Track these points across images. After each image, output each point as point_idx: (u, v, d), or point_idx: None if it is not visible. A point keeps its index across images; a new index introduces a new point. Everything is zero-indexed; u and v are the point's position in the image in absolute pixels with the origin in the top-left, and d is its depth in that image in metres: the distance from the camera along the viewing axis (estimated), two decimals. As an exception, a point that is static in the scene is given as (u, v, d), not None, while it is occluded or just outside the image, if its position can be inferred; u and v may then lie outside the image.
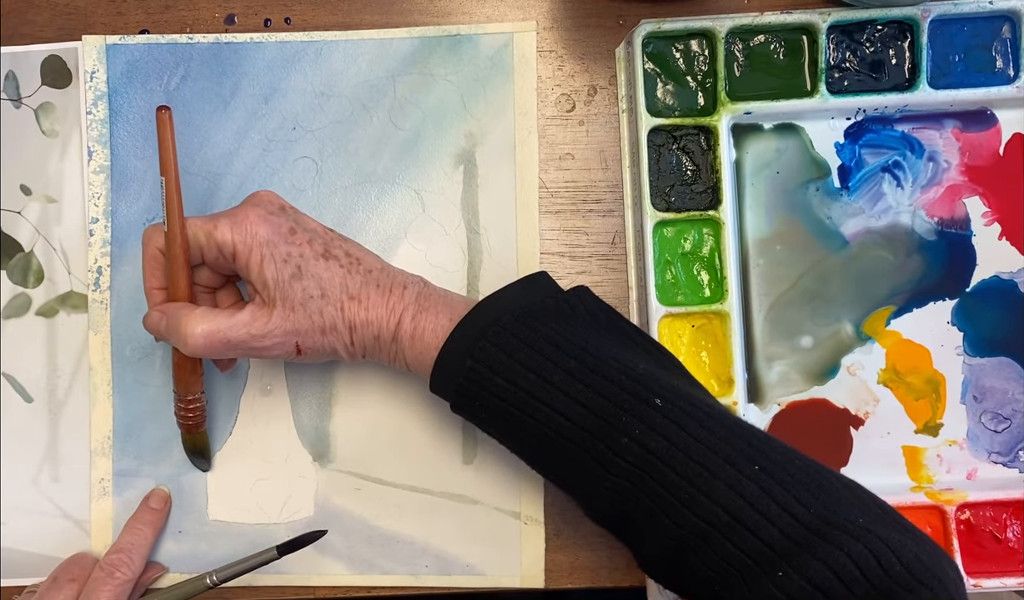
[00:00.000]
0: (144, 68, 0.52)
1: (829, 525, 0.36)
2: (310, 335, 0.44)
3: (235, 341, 0.43)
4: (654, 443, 0.38)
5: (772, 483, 0.37)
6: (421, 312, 0.44)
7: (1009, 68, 0.50)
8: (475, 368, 0.41)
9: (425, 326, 0.43)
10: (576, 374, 0.40)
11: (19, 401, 0.52)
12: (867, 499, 0.38)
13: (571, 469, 0.41)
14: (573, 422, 0.40)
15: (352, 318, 0.44)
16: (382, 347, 0.45)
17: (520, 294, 0.44)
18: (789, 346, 0.51)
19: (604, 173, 0.52)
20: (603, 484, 0.39)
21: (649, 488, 0.38)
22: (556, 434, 0.40)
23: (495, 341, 0.41)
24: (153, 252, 0.45)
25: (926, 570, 0.35)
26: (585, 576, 0.50)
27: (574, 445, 0.40)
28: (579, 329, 0.42)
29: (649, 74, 0.51)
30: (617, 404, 0.39)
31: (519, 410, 0.41)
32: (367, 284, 0.44)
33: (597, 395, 0.39)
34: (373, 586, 0.50)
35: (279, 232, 0.44)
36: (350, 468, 0.51)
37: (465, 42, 0.52)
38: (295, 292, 0.43)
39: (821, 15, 0.49)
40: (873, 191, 0.51)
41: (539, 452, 0.42)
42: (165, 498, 0.51)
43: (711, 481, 0.37)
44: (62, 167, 0.52)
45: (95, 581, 0.47)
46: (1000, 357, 0.51)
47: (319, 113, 0.52)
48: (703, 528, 0.37)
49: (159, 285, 0.46)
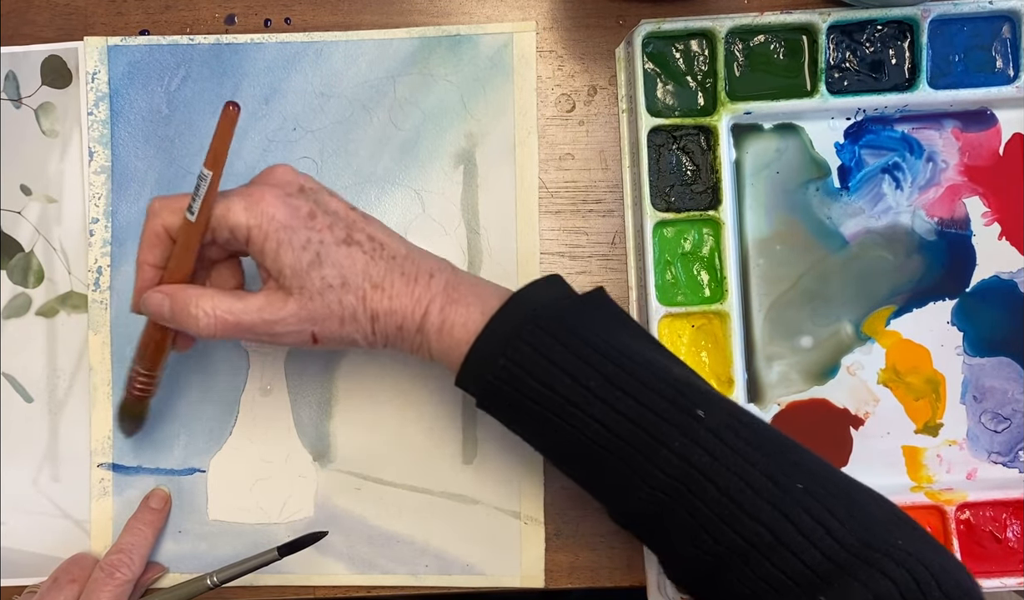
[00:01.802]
0: (145, 69, 0.52)
1: (870, 548, 0.35)
2: (328, 324, 0.41)
3: (247, 324, 0.41)
4: (696, 457, 0.37)
5: (813, 503, 0.36)
6: (450, 303, 0.41)
7: (1009, 68, 0.50)
8: (508, 367, 0.39)
9: (455, 320, 0.41)
10: (615, 380, 0.38)
11: (19, 401, 0.52)
12: (899, 516, 0.38)
13: (603, 476, 0.40)
14: (610, 430, 0.38)
15: (374, 307, 0.41)
16: (405, 337, 0.42)
17: (550, 291, 0.42)
18: (789, 346, 0.51)
19: (604, 173, 0.52)
20: (637, 494, 0.38)
21: (687, 502, 0.37)
22: (590, 441, 0.39)
23: (530, 340, 0.39)
24: (157, 228, 0.42)
25: (965, 595, 0.34)
26: (585, 576, 0.50)
27: (609, 453, 0.38)
28: (613, 329, 0.41)
29: (649, 74, 0.51)
30: (657, 413, 0.38)
31: (553, 414, 0.39)
32: (391, 271, 0.42)
33: (636, 403, 0.38)
34: (373, 586, 0.51)
35: (298, 215, 0.41)
36: (350, 468, 0.51)
37: (465, 42, 0.52)
38: (313, 280, 0.41)
39: (821, 15, 0.49)
40: (873, 191, 0.51)
41: (568, 456, 0.41)
42: (165, 498, 0.51)
43: (754, 499, 0.36)
44: (62, 167, 0.52)
45: (95, 582, 0.47)
46: (1000, 357, 0.51)
47: (319, 113, 0.52)
48: (743, 546, 0.36)
49: (154, 262, 0.43)
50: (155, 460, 0.51)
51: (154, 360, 0.46)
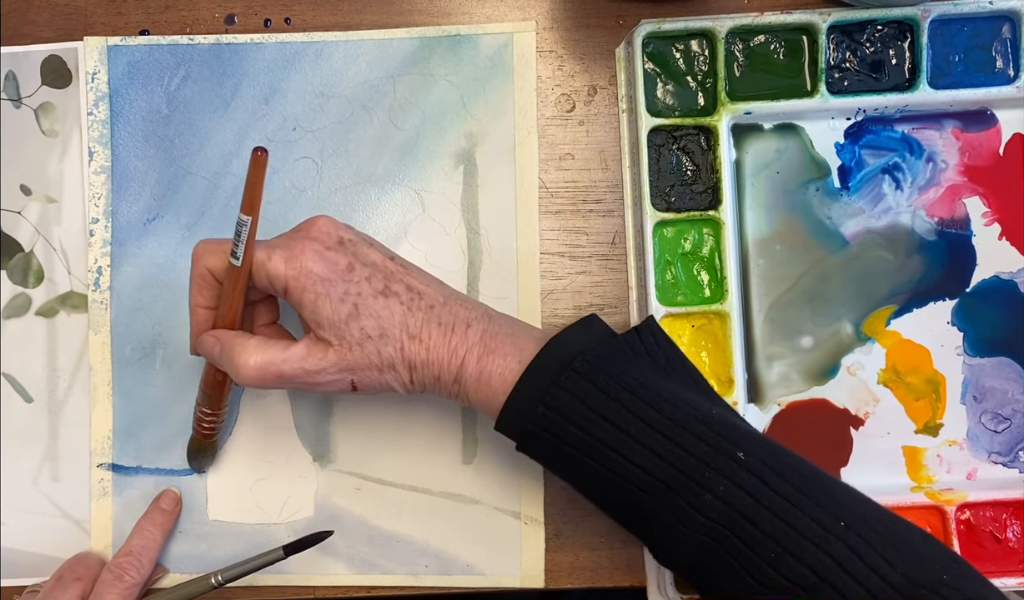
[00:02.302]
0: (145, 69, 0.52)
1: (917, 584, 0.35)
2: (367, 373, 0.42)
3: (288, 375, 0.42)
4: (738, 501, 0.37)
5: (858, 540, 0.36)
6: (487, 354, 0.42)
7: (1009, 68, 0.50)
8: (546, 415, 0.40)
9: (492, 370, 0.42)
10: (655, 424, 0.39)
11: (19, 401, 0.52)
12: (942, 550, 0.38)
13: (646, 520, 0.40)
14: (651, 475, 0.38)
15: (412, 358, 0.42)
16: (443, 386, 0.43)
17: (586, 335, 0.42)
18: (789, 346, 0.51)
19: (604, 173, 0.52)
20: (680, 537, 0.38)
21: (731, 545, 0.37)
22: (632, 486, 0.39)
23: (568, 387, 0.40)
24: (203, 271, 0.43)
25: None
26: (585, 576, 0.50)
27: (651, 498, 0.39)
28: (649, 371, 0.41)
29: (649, 74, 0.51)
30: (698, 457, 0.38)
31: (592, 459, 0.39)
32: (428, 322, 0.42)
33: (677, 447, 0.38)
34: (373, 586, 0.50)
35: (336, 269, 0.41)
36: (350, 468, 0.51)
37: (465, 42, 0.52)
38: (352, 331, 0.41)
39: (821, 15, 0.49)
40: (873, 191, 0.51)
41: (610, 499, 0.41)
42: (176, 499, 0.51)
43: (798, 540, 0.36)
44: (62, 167, 0.52)
45: (103, 583, 0.46)
46: (1000, 357, 0.51)
47: (319, 113, 0.52)
48: (788, 587, 0.36)
49: (205, 304, 0.44)
50: (155, 460, 0.51)
51: (217, 399, 0.47)
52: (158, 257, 0.52)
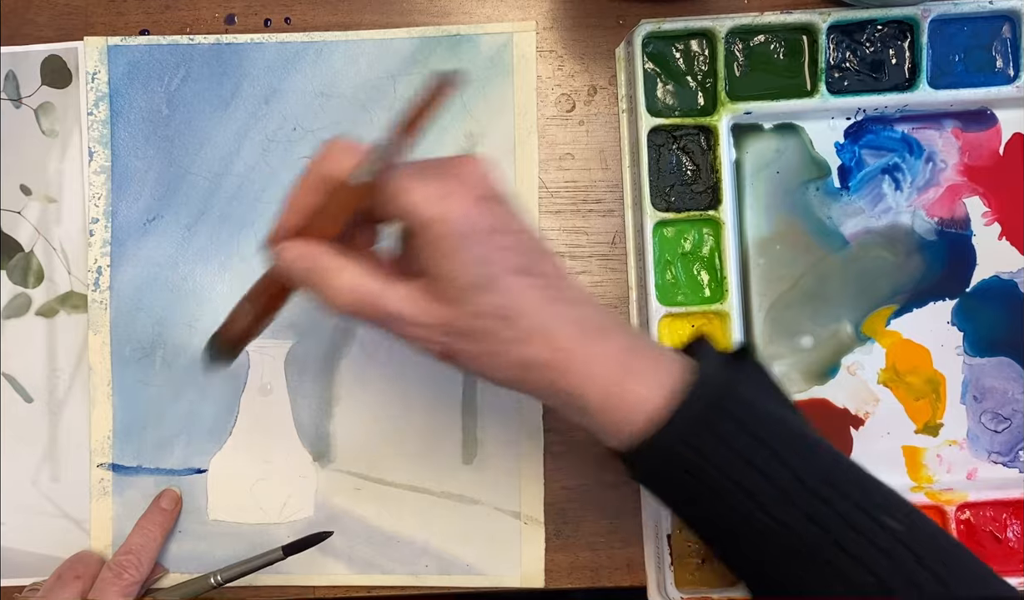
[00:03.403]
0: (145, 69, 0.52)
1: None
2: (470, 348, 0.36)
3: (383, 313, 0.36)
4: (890, 578, 0.34)
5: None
6: (628, 375, 0.36)
7: (1009, 68, 0.50)
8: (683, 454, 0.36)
9: (630, 397, 0.36)
10: (806, 479, 0.35)
11: (19, 401, 0.52)
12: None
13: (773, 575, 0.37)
14: (796, 534, 0.35)
15: (530, 354, 0.36)
16: (556, 392, 0.37)
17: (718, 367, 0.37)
18: (789, 346, 0.51)
19: (604, 173, 0.52)
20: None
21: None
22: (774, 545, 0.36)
23: (716, 431, 0.36)
24: (328, 173, 0.36)
25: None
26: (585, 576, 0.50)
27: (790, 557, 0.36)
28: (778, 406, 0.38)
29: (649, 74, 0.51)
30: (856, 529, 0.35)
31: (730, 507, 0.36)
32: (562, 318, 0.36)
33: (831, 511, 0.35)
34: (373, 586, 0.50)
35: (478, 227, 0.35)
36: (350, 468, 0.51)
37: (465, 42, 0.52)
38: (475, 302, 0.35)
39: (821, 15, 0.49)
40: (873, 191, 0.51)
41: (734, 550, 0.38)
42: (176, 499, 0.51)
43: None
44: (62, 167, 0.52)
45: (103, 581, 0.46)
46: (1000, 357, 0.51)
47: (319, 113, 0.52)
48: None
49: (305, 208, 0.37)
50: (155, 460, 0.51)
51: (266, 309, 0.40)
52: (158, 257, 0.52)
